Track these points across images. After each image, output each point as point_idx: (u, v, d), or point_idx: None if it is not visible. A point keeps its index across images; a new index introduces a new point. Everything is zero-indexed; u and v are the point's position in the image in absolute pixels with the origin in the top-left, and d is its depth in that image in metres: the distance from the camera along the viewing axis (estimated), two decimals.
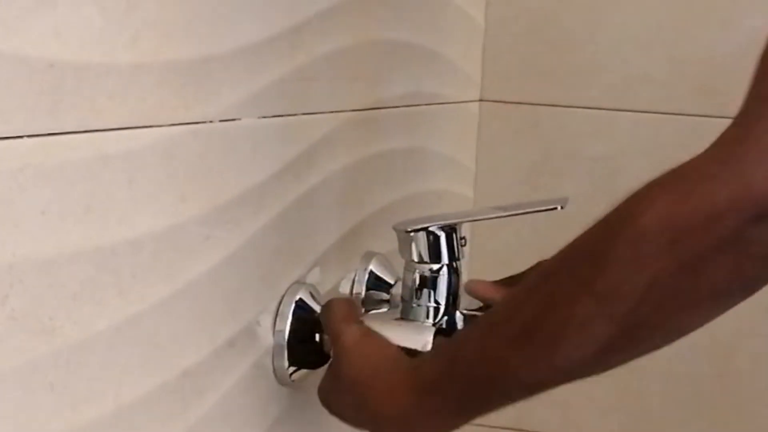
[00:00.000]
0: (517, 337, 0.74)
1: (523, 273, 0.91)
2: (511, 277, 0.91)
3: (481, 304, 0.92)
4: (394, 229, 0.94)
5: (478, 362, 0.76)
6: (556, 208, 0.89)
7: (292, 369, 0.90)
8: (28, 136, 0.62)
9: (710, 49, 1.31)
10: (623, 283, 0.69)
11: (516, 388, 0.76)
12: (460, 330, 0.90)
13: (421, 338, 0.88)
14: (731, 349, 1.34)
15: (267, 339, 0.89)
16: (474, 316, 0.90)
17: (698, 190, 0.65)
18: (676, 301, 0.69)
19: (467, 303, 0.92)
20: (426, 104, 1.22)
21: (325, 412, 0.88)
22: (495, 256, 0.97)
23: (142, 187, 0.72)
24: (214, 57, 0.79)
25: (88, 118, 0.67)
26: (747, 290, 0.69)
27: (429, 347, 0.88)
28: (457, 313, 0.90)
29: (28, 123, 0.62)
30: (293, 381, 0.91)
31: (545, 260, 0.77)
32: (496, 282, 0.91)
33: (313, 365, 0.90)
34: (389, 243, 0.97)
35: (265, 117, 0.87)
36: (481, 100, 1.38)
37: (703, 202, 0.65)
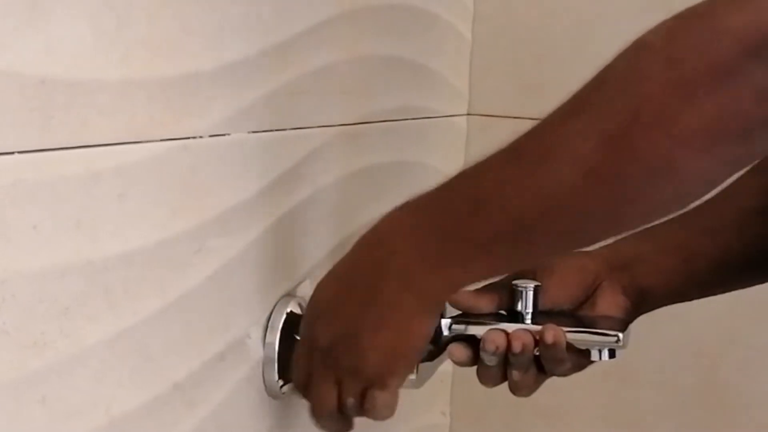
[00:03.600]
0: (507, 159, 0.74)
1: (505, 278, 0.91)
2: (494, 283, 0.92)
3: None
4: None
5: (468, 185, 0.77)
6: None
7: (282, 382, 0.91)
8: (19, 152, 0.62)
9: None
10: (616, 97, 0.69)
11: (502, 216, 0.75)
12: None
13: None
14: (719, 358, 1.35)
15: (257, 352, 0.90)
16: (458, 323, 0.90)
17: (705, 18, 0.66)
18: (666, 128, 0.68)
19: (453, 310, 0.92)
20: (414, 118, 1.22)
21: (314, 426, 0.88)
22: None
23: (133, 202, 0.73)
24: (204, 73, 0.80)
25: (79, 133, 0.67)
26: (734, 141, 0.68)
27: None
28: (443, 321, 0.90)
29: (19, 139, 0.62)
30: (284, 393, 0.92)
31: None
32: (477, 290, 0.92)
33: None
34: None
35: (254, 132, 0.87)
36: (468, 114, 1.39)
37: (708, 28, 0.66)
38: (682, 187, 0.72)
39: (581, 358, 0.89)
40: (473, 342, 0.89)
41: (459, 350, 0.89)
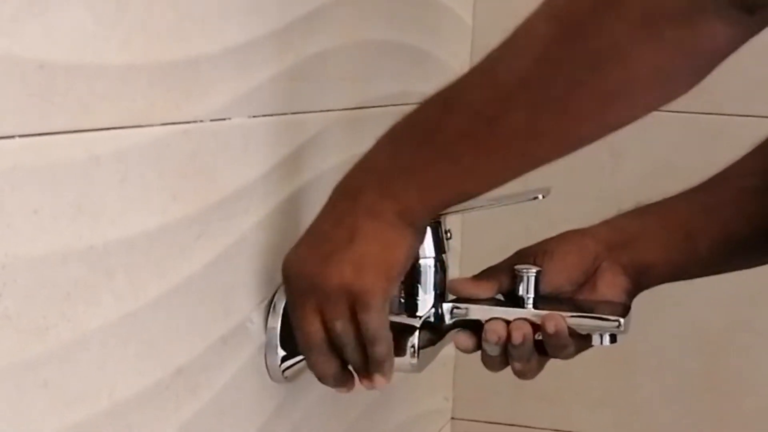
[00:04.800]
0: (477, 64, 0.79)
1: (502, 263, 0.92)
2: (490, 268, 0.92)
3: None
4: None
5: (438, 92, 0.80)
6: (537, 198, 0.89)
7: (284, 366, 0.91)
8: (20, 136, 0.62)
9: None
10: None
11: (465, 110, 0.78)
12: None
13: (408, 331, 0.88)
14: (720, 343, 1.35)
15: (259, 336, 0.90)
16: (459, 307, 0.90)
17: None
18: (613, 10, 0.71)
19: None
20: (415, 103, 1.22)
21: (318, 409, 0.88)
22: (485, 253, 0.98)
23: (134, 187, 0.73)
24: (204, 57, 0.80)
25: (79, 118, 0.67)
26: (675, 19, 0.71)
27: (416, 342, 0.88)
28: (444, 306, 0.91)
29: (19, 123, 0.62)
30: (286, 377, 0.92)
31: None
32: (475, 276, 0.92)
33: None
34: None
35: (255, 116, 0.87)
36: None
37: None
38: (630, 74, 0.73)
39: (582, 342, 0.89)
40: (477, 329, 0.89)
41: (463, 338, 0.90)
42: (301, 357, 0.90)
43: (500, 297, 0.91)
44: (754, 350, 1.35)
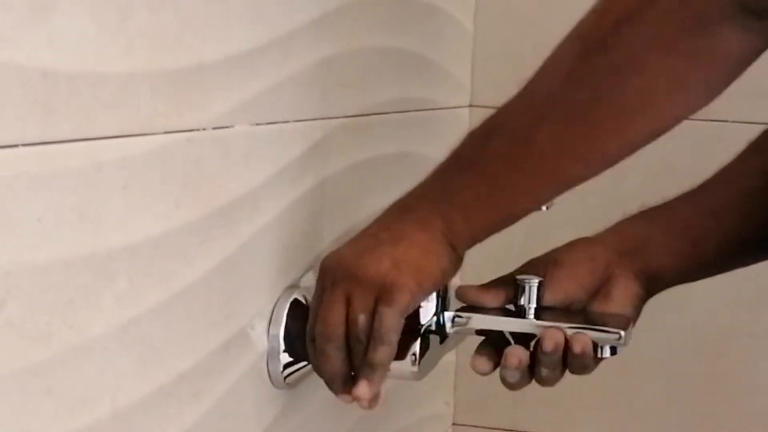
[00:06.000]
0: (516, 93, 0.82)
1: (512, 273, 0.92)
2: (501, 278, 0.92)
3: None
4: None
5: (483, 122, 0.84)
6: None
7: (287, 372, 0.91)
8: (23, 144, 0.63)
9: None
10: (595, 5, 0.78)
11: (503, 135, 0.82)
12: None
13: (410, 339, 0.88)
14: (722, 348, 1.35)
15: (261, 342, 0.90)
16: (460, 316, 0.90)
17: None
18: (633, 25, 0.75)
19: (457, 304, 0.92)
20: (417, 110, 1.23)
21: (319, 415, 0.88)
22: (486, 259, 0.98)
23: (137, 194, 0.73)
24: (207, 65, 0.80)
25: (82, 126, 0.67)
26: (692, 32, 0.74)
27: (417, 350, 0.88)
28: (446, 314, 0.91)
29: (22, 132, 0.63)
30: (288, 384, 0.92)
31: None
32: (483, 285, 0.92)
33: (308, 368, 0.91)
34: None
35: (257, 124, 0.88)
36: (471, 106, 1.39)
37: None
38: (648, 85, 0.76)
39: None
40: (495, 351, 0.90)
41: (481, 362, 0.90)
42: (303, 363, 0.91)
43: (511, 306, 0.91)
44: (755, 354, 1.35)
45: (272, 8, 0.89)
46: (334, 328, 0.83)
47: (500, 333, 0.90)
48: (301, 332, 0.90)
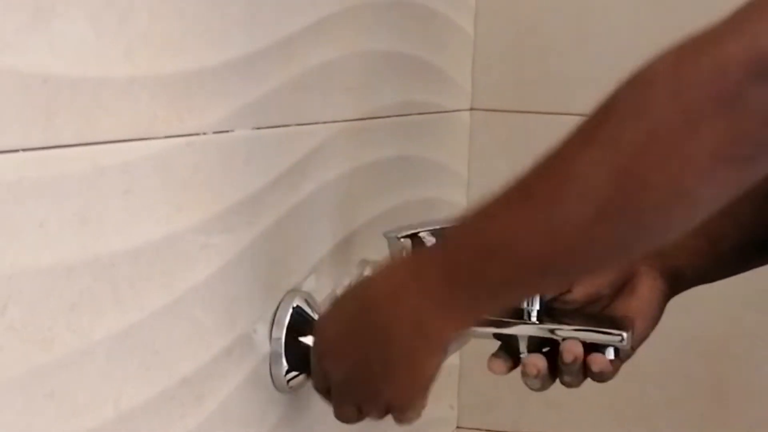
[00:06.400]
0: (517, 200, 0.73)
1: None
2: None
3: None
4: (385, 235, 0.95)
5: (476, 232, 0.76)
6: None
7: (289, 376, 0.91)
8: (24, 149, 0.63)
9: None
10: (625, 130, 0.69)
11: (514, 261, 0.74)
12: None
13: None
14: (726, 351, 1.35)
15: (264, 346, 0.90)
16: None
17: (707, 48, 0.67)
18: (675, 159, 0.68)
19: None
20: (418, 114, 1.23)
21: (322, 419, 0.89)
22: None
23: (138, 198, 0.73)
24: (207, 69, 0.80)
25: (83, 131, 0.68)
26: (741, 164, 0.68)
27: None
28: None
29: (23, 137, 0.63)
30: (291, 388, 0.92)
31: None
32: None
33: (310, 372, 0.91)
34: (383, 250, 0.98)
35: (258, 128, 0.88)
36: (472, 109, 1.39)
37: (710, 58, 0.66)
38: (692, 212, 0.71)
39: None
40: (509, 353, 0.91)
41: (497, 364, 0.91)
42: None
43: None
44: (759, 357, 1.35)
45: (272, 12, 0.89)
46: (348, 417, 0.87)
47: (508, 335, 0.90)
48: (304, 335, 0.90)
